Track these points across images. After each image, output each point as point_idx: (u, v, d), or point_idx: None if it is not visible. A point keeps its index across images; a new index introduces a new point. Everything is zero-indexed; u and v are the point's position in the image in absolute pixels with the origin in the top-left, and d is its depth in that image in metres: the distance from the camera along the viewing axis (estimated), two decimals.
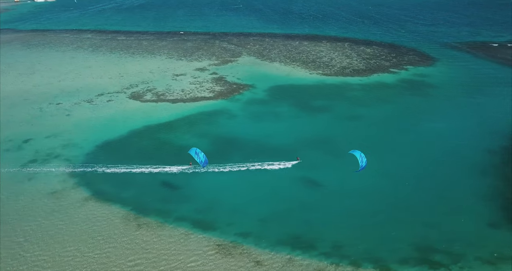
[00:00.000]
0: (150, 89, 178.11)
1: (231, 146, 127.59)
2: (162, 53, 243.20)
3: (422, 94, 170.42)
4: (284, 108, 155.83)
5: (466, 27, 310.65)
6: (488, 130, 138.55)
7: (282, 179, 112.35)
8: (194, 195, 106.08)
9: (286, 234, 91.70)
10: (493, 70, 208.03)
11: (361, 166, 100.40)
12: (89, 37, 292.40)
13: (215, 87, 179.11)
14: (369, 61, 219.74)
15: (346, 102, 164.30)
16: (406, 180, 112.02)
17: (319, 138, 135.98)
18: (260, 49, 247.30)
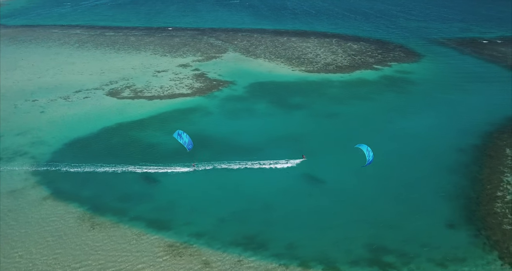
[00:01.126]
0: (129, 86, 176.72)
1: (200, 144, 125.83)
2: (147, 49, 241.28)
3: (401, 91, 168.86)
4: (260, 106, 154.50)
5: (458, 23, 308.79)
6: (460, 128, 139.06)
7: (246, 178, 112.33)
8: (155, 194, 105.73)
9: (242, 234, 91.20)
10: (477, 67, 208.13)
11: (368, 160, 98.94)
12: (77, 33, 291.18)
13: (195, 84, 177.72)
14: (354, 57, 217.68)
15: (323, 99, 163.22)
16: (372, 179, 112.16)
17: (290, 135, 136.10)
18: (247, 45, 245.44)
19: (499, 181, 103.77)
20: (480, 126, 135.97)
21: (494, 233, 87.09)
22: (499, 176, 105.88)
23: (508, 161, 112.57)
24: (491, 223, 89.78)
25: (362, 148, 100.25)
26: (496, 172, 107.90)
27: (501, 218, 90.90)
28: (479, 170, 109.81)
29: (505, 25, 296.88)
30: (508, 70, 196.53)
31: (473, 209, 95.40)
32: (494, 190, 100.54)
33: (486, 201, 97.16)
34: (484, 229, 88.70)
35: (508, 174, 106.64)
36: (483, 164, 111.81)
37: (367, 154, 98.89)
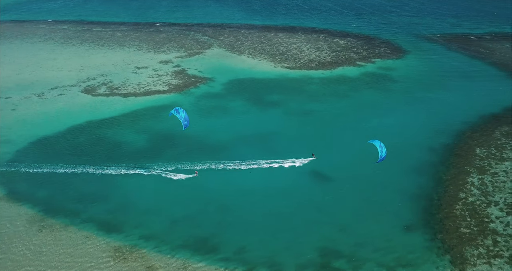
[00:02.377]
0: (106, 82, 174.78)
1: (167, 143, 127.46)
2: (132, 45, 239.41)
3: (381, 89, 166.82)
4: (236, 103, 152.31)
5: (449, 19, 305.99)
6: (435, 127, 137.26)
7: (207, 179, 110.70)
8: (111, 195, 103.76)
9: (194, 237, 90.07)
10: (461, 64, 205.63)
11: (380, 156, 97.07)
12: (65, 28, 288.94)
13: (173, 81, 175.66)
14: (339, 53, 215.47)
15: (301, 97, 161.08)
16: (334, 179, 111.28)
17: (261, 134, 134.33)
18: (233, 41, 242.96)
19: (464, 182, 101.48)
20: (454, 125, 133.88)
21: (450, 237, 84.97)
22: (464, 177, 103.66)
23: (476, 161, 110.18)
24: (449, 226, 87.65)
25: (375, 143, 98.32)
26: (462, 172, 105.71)
27: (460, 221, 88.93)
28: (446, 170, 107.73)
29: (497, 21, 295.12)
30: (492, 67, 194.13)
31: (433, 212, 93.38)
32: (457, 191, 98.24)
33: (447, 203, 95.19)
34: (441, 233, 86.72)
35: (474, 174, 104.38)
36: (451, 164, 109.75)
37: (380, 149, 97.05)
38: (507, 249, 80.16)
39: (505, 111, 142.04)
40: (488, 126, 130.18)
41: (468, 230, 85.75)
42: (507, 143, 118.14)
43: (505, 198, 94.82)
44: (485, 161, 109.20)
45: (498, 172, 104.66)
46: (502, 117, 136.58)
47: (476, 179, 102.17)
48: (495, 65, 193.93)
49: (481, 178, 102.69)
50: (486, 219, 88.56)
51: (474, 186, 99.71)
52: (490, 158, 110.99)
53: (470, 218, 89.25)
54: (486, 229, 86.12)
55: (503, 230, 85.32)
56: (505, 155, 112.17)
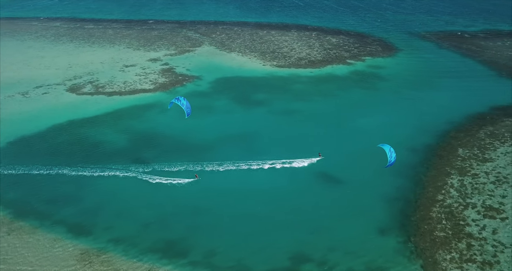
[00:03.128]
0: (92, 81, 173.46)
1: (147, 143, 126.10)
2: (122, 43, 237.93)
3: (368, 88, 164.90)
4: (221, 102, 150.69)
5: (444, 16, 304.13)
6: (419, 127, 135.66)
7: (186, 179, 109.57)
8: (84, 197, 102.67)
9: (163, 240, 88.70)
10: (451, 62, 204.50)
11: (389, 161, 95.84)
12: (57, 26, 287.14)
13: (160, 79, 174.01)
14: (329, 51, 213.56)
15: (287, 96, 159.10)
16: (312, 180, 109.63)
17: (243, 134, 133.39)
18: (224, 39, 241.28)
19: (443, 184, 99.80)
20: (439, 125, 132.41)
21: (424, 240, 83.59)
22: (444, 178, 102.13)
23: (458, 162, 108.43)
24: (424, 229, 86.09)
25: (385, 148, 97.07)
26: (442, 173, 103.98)
27: (435, 223, 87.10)
28: (426, 171, 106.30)
29: (492, 19, 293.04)
30: (482, 65, 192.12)
31: (408, 214, 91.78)
32: (436, 193, 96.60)
33: (424, 205, 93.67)
34: (415, 236, 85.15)
35: (454, 175, 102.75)
36: (431, 165, 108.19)
37: (389, 154, 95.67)
38: (480, 254, 78.33)
39: (492, 111, 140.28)
40: (473, 126, 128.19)
41: (443, 233, 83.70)
42: (491, 143, 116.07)
43: (483, 200, 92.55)
44: (467, 162, 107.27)
45: (478, 173, 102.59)
46: (488, 117, 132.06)
47: (456, 181, 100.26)
48: (485, 64, 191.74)
49: (461, 179, 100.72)
50: (462, 222, 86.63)
51: (453, 187, 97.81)
52: (472, 159, 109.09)
53: (446, 220, 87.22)
54: (461, 232, 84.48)
55: (478, 233, 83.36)
56: (487, 155, 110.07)
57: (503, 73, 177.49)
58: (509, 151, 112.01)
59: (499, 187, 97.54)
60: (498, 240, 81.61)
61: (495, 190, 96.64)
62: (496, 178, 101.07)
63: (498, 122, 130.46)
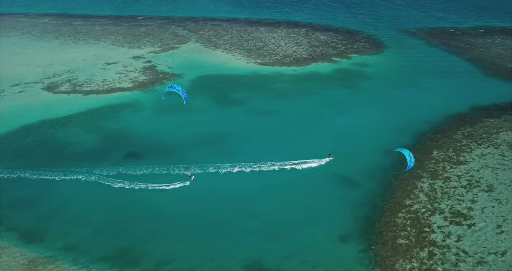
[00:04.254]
0: (71, 79, 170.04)
1: (116, 144, 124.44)
2: (108, 40, 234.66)
3: (351, 86, 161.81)
4: (198, 101, 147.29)
5: (437, 12, 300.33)
6: (397, 127, 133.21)
7: (147, 185, 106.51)
8: (42, 203, 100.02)
9: (116, 247, 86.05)
10: (438, 60, 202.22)
11: (408, 166, 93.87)
12: (45, 22, 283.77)
13: (139, 77, 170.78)
14: (316, 49, 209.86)
15: (267, 95, 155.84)
16: (279, 183, 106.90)
17: (217, 135, 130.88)
18: (212, 36, 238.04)
19: (413, 188, 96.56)
20: (417, 125, 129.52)
21: (385, 249, 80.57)
22: (414, 182, 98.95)
23: (431, 165, 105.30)
24: (386, 237, 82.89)
25: (404, 152, 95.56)
26: (413, 177, 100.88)
27: (399, 230, 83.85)
28: (396, 174, 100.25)
29: (485, 15, 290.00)
30: (469, 63, 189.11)
31: (373, 220, 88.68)
32: (404, 197, 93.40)
33: (390, 211, 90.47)
34: (376, 244, 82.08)
35: (425, 179, 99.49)
36: (404, 168, 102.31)
37: (409, 159, 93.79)
38: (441, 263, 75.68)
39: (472, 111, 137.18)
40: (451, 126, 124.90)
41: (406, 241, 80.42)
42: (467, 145, 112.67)
43: (452, 205, 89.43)
44: (440, 165, 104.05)
45: (450, 177, 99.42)
46: (467, 117, 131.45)
47: (426, 184, 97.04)
48: (472, 62, 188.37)
49: (431, 183, 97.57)
50: (427, 229, 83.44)
51: (423, 191, 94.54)
52: (445, 161, 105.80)
53: (411, 227, 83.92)
54: (425, 239, 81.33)
55: (442, 241, 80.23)
56: (462, 158, 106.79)
57: (488, 72, 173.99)
58: (485, 153, 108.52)
59: (470, 191, 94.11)
60: (462, 248, 78.45)
61: (466, 194, 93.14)
62: (468, 181, 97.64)
63: (477, 122, 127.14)
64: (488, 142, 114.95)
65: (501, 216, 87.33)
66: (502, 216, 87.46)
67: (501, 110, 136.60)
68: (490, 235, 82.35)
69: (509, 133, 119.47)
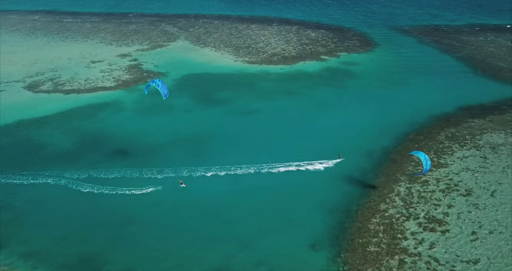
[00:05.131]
0: (54, 78, 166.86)
1: (91, 146, 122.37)
2: (96, 37, 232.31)
3: (337, 86, 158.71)
4: (181, 101, 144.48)
5: (432, 9, 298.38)
6: (379, 128, 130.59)
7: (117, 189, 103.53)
8: (8, 207, 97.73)
9: (79, 254, 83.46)
10: (428, 58, 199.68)
11: (425, 169, 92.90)
12: (35, 19, 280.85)
13: (123, 76, 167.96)
14: (306, 47, 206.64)
15: (251, 94, 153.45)
16: (255, 187, 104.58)
17: (195, 136, 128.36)
18: (201, 33, 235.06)
19: (390, 191, 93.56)
20: (401, 126, 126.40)
21: (354, 256, 78.19)
22: (391, 185, 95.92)
23: (410, 167, 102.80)
24: (357, 244, 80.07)
25: (420, 156, 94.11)
26: (391, 180, 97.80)
27: (371, 237, 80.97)
28: (374, 177, 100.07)
29: (480, 13, 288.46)
30: (460, 61, 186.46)
31: (346, 226, 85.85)
32: (379, 202, 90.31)
33: (364, 216, 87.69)
34: (346, 251, 79.42)
35: (403, 182, 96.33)
36: (382, 171, 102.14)
37: (425, 162, 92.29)
38: None
39: (458, 111, 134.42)
40: (435, 127, 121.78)
41: (377, 248, 77.48)
42: (449, 147, 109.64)
43: (428, 211, 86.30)
44: (420, 167, 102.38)
45: (429, 180, 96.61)
46: (452, 118, 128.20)
47: (404, 188, 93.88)
48: (463, 60, 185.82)
49: (409, 186, 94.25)
50: (400, 235, 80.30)
51: (400, 196, 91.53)
52: None
53: (383, 233, 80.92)
54: (397, 247, 78.38)
55: (414, 248, 77.43)
56: (443, 160, 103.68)
57: (478, 71, 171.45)
58: (466, 155, 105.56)
59: (448, 195, 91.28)
60: (433, 256, 75.67)
61: (443, 199, 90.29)
62: (447, 185, 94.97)
63: (462, 123, 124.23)
64: (471, 144, 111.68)
65: (477, 222, 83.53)
66: (478, 221, 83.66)
67: (487, 111, 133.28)
68: (464, 242, 78.87)
69: (493, 135, 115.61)
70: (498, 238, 79.84)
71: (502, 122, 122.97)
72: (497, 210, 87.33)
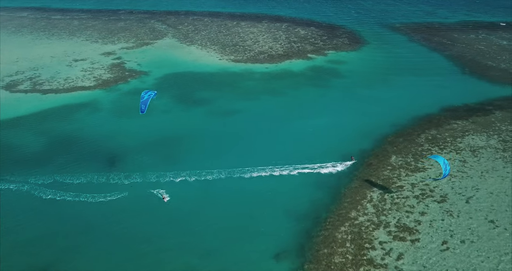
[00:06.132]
0: (33, 77, 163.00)
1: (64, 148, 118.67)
2: (82, 35, 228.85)
3: (321, 85, 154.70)
4: (160, 101, 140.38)
5: (427, 6, 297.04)
6: (359, 130, 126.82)
7: (80, 196, 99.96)
8: None
9: (34, 265, 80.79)
10: (416, 57, 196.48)
11: (444, 174, 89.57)
12: (24, 16, 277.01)
13: (104, 75, 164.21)
14: (293, 45, 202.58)
15: (233, 94, 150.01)
16: (220, 195, 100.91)
17: (171, 139, 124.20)
18: (190, 31, 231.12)
19: (362, 197, 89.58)
20: (381, 128, 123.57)
21: (318, 268, 75.43)
22: (364, 191, 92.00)
23: (386, 172, 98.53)
24: (322, 254, 76.79)
25: (439, 160, 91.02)
26: (365, 185, 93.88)
27: (337, 246, 77.39)
28: (348, 183, 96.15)
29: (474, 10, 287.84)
30: (448, 60, 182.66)
31: (313, 234, 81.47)
32: (350, 209, 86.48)
33: (333, 224, 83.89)
34: (310, 262, 76.21)
35: (377, 188, 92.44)
36: (357, 175, 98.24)
37: (444, 167, 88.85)
38: None
39: (441, 112, 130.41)
40: (416, 129, 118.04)
41: (342, 259, 73.97)
42: (429, 150, 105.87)
43: (399, 218, 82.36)
44: (396, 172, 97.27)
45: (404, 185, 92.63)
46: (435, 119, 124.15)
47: (377, 194, 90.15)
48: (451, 59, 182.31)
49: (382, 192, 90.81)
50: (368, 245, 76.40)
51: (372, 202, 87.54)
52: (402, 168, 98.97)
53: (350, 243, 76.96)
54: (363, 258, 75.12)
55: (381, 259, 74.08)
56: (420, 164, 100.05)
57: (466, 70, 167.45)
58: (446, 158, 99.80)
59: (422, 202, 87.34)
60: (400, 268, 72.44)
61: (416, 205, 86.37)
62: (422, 191, 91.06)
63: (444, 125, 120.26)
64: (451, 146, 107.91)
65: (449, 231, 79.88)
66: (450, 230, 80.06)
67: (471, 111, 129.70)
68: (434, 252, 75.24)
69: (475, 137, 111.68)
70: (470, 248, 76.20)
71: (485, 124, 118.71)
72: (471, 218, 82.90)
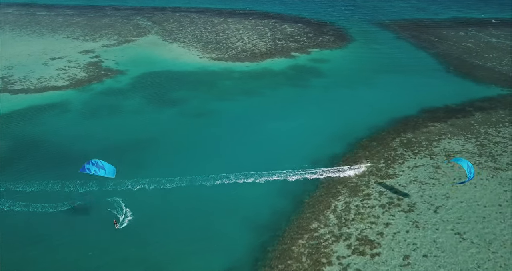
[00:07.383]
0: (6, 76, 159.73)
1: (22, 153, 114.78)
2: (64, 32, 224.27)
3: (300, 85, 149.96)
4: (132, 101, 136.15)
5: (420, 3, 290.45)
6: (334, 133, 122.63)
7: (29, 204, 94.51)
8: None
9: None
10: (402, 55, 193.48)
11: (468, 178, 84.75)
12: (9, 12, 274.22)
13: (79, 74, 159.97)
14: (278, 42, 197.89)
15: (209, 94, 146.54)
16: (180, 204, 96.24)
17: (136, 141, 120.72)
18: (175, 27, 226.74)
19: (326, 207, 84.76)
20: (357, 131, 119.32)
21: None
22: (329, 200, 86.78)
23: (355, 178, 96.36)
24: (276, 270, 68.17)
25: (462, 164, 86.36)
26: (330, 193, 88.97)
27: (293, 262, 74.36)
28: (313, 190, 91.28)
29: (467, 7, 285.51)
30: (433, 58, 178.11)
31: (269, 248, 75.24)
32: (312, 219, 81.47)
33: (291, 236, 78.98)
34: None
35: (343, 196, 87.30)
36: (323, 182, 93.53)
37: (468, 170, 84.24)
38: None
39: (420, 114, 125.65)
40: (391, 132, 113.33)
41: None
42: (402, 155, 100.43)
43: (362, 230, 77.35)
44: (365, 178, 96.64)
45: (371, 193, 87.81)
46: (412, 121, 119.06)
47: (342, 203, 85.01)
48: (437, 57, 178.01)
49: (348, 201, 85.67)
50: (325, 260, 71.66)
51: (335, 212, 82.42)
52: (372, 175, 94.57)
53: (306, 258, 72.38)
54: None
55: None
56: (391, 170, 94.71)
57: (450, 69, 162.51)
58: (418, 164, 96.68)
59: (387, 211, 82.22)
60: None
61: (382, 215, 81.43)
62: (389, 199, 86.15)
63: (421, 127, 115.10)
64: (425, 151, 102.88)
65: (412, 244, 74.73)
66: (414, 243, 74.94)
67: (450, 113, 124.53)
68: (393, 268, 68.54)
69: (451, 141, 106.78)
70: (432, 264, 70.74)
71: (464, 127, 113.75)
72: (437, 229, 77.91)
